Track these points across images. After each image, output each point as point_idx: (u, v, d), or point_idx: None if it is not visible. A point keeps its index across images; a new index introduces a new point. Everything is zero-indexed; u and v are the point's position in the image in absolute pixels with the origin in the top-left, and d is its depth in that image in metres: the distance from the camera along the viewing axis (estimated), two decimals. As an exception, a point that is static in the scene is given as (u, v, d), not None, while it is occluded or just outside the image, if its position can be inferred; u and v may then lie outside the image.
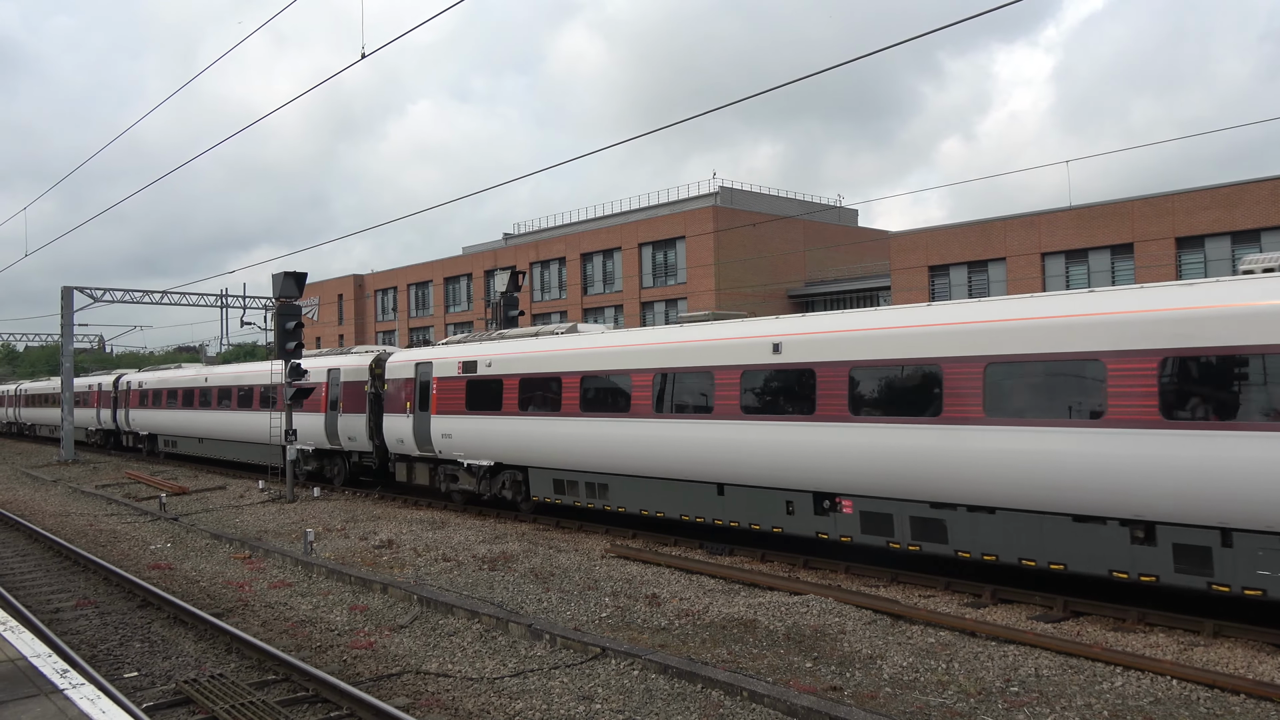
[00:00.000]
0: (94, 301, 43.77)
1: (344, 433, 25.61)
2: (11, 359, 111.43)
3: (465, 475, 21.20)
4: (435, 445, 21.50)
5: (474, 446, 20.46)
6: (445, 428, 21.16)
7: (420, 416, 21.97)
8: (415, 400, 22.14)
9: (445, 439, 21.17)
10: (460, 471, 21.34)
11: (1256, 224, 32.81)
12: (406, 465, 23.20)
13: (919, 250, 42.39)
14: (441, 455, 21.52)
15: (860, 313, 14.34)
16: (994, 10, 10.12)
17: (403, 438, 22.63)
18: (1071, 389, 11.17)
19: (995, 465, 11.69)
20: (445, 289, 70.19)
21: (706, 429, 15.28)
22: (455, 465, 21.43)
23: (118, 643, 11.38)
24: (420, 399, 22.00)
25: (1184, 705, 8.42)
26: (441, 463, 21.92)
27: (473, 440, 20.43)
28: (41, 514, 23.84)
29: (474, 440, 20.39)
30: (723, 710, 8.50)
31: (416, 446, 22.18)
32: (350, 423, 25.33)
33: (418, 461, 22.78)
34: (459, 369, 20.99)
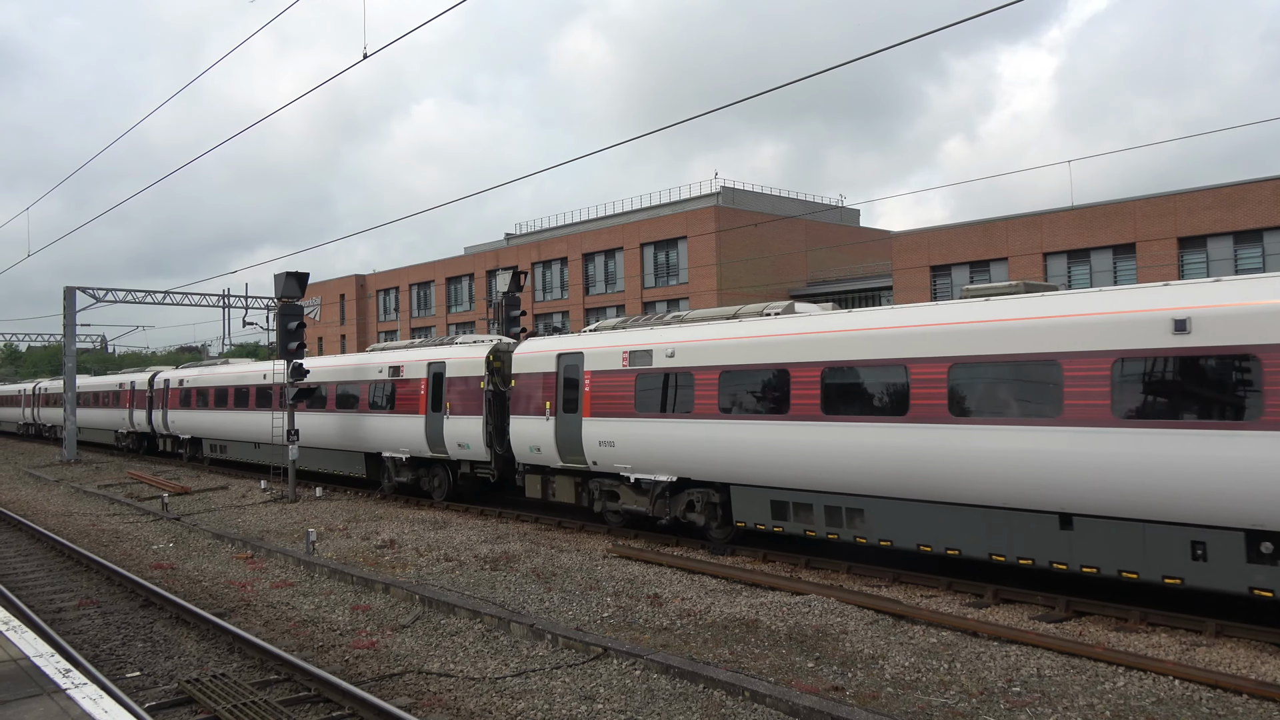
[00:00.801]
0: (96, 302, 43.81)
1: (452, 439, 21.59)
2: (14, 359, 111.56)
3: (631, 493, 17.38)
4: (588, 455, 17.78)
5: (647, 457, 16.65)
6: (604, 433, 17.41)
7: (566, 420, 18.26)
8: (557, 400, 18.54)
9: (604, 448, 17.44)
10: (623, 488, 17.51)
11: (1259, 224, 32.78)
12: (541, 479, 19.37)
13: (921, 250, 42.36)
14: (597, 468, 17.76)
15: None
16: (997, 10, 10.12)
17: (538, 445, 18.86)
18: None
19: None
20: (447, 289, 70.20)
21: (1048, 438, 11.44)
22: (616, 480, 17.66)
23: (120, 642, 11.39)
24: (565, 398, 18.40)
25: (1186, 705, 8.41)
26: (595, 476, 18.17)
27: (645, 450, 16.66)
28: (44, 514, 23.86)
29: (647, 450, 16.63)
30: (724, 710, 8.50)
31: (559, 456, 18.44)
32: (461, 427, 21.33)
33: (559, 474, 18.94)
34: (624, 360, 17.23)
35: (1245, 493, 9.93)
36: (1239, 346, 10.14)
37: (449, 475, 22.70)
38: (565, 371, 18.52)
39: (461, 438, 21.36)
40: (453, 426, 21.62)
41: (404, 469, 23.77)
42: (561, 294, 61.34)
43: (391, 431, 23.50)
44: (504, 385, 20.59)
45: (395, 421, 23.37)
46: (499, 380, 20.79)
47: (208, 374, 34.70)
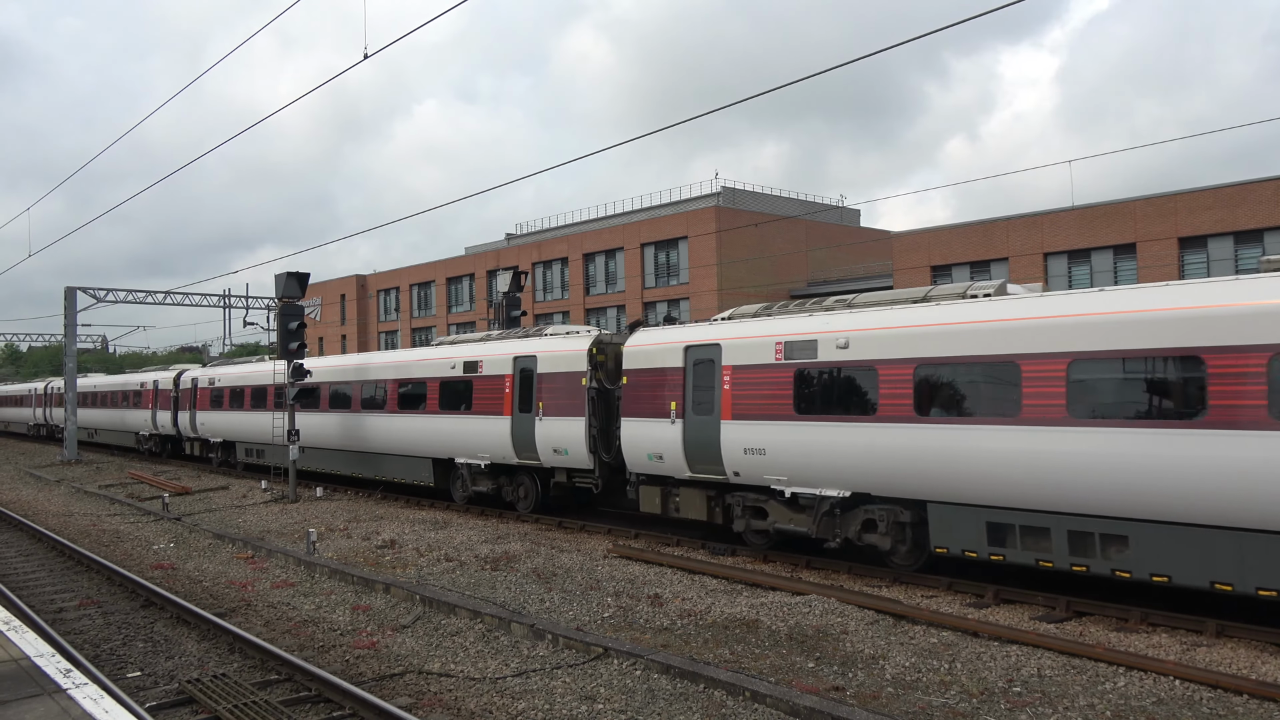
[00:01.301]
0: (97, 302, 43.85)
1: (546, 443, 18.97)
2: (14, 359, 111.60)
3: (784, 510, 14.88)
4: (728, 465, 15.35)
5: (809, 468, 14.22)
6: (751, 439, 14.92)
7: (698, 423, 15.84)
8: (685, 400, 16.15)
9: (751, 456, 14.96)
10: (774, 504, 15.04)
11: (1259, 224, 32.77)
12: (661, 491, 16.93)
13: (921, 250, 42.37)
14: (739, 479, 15.28)
15: None
16: (998, 10, 10.12)
17: (660, 452, 16.45)
18: None
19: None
20: (448, 289, 70.21)
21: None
22: (765, 495, 15.22)
23: (121, 642, 11.39)
24: (695, 398, 16.01)
25: (1187, 705, 8.41)
26: (736, 490, 15.67)
27: (807, 459, 14.21)
28: (45, 514, 23.87)
29: (810, 459, 14.17)
30: (725, 710, 8.50)
31: (688, 466, 16.02)
32: (558, 430, 18.69)
33: (686, 487, 16.49)
34: (778, 353, 14.72)
35: None
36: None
37: (536, 484, 20.10)
38: (695, 367, 16.03)
39: (558, 442, 18.70)
40: (547, 429, 18.93)
41: (482, 477, 21.24)
42: (562, 294, 61.35)
43: (468, 435, 20.95)
44: (610, 382, 18.21)
45: (472, 424, 20.80)
46: (603, 377, 18.30)
47: (242, 372, 32.09)
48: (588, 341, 18.57)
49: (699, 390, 15.96)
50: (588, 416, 18.15)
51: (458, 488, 22.23)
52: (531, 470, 20.06)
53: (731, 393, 15.31)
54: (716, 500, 16.09)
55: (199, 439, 35.28)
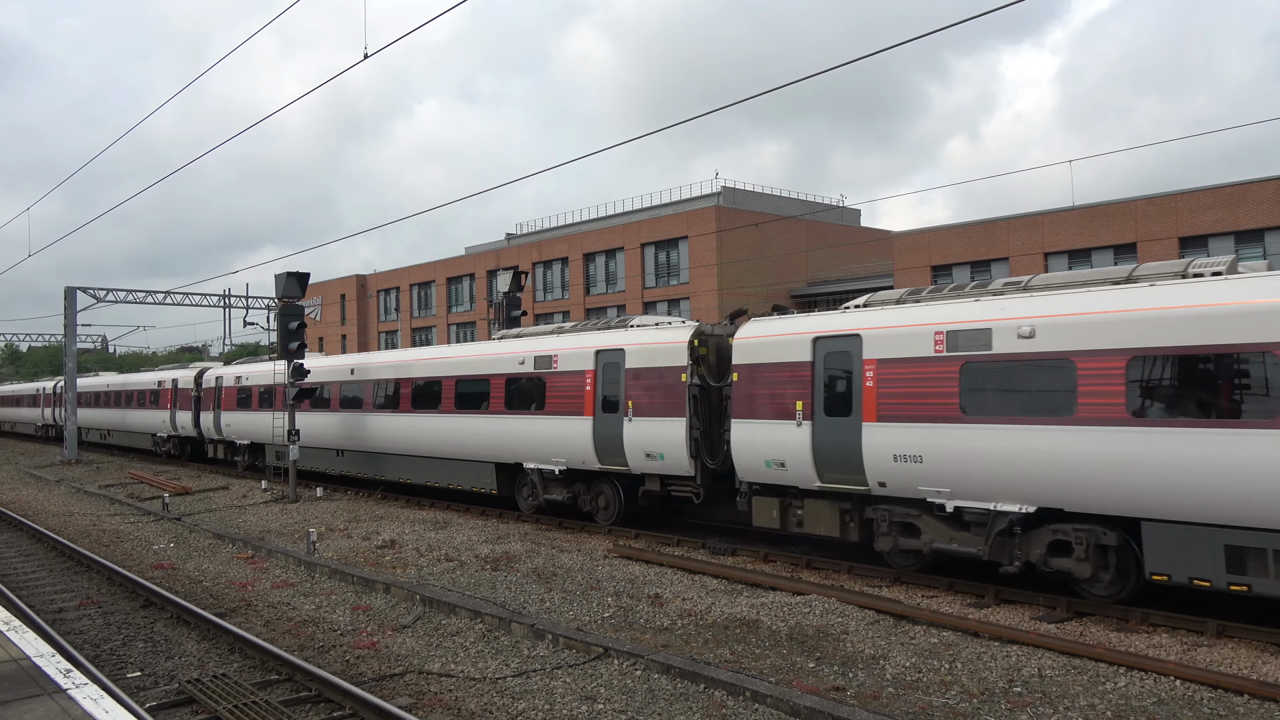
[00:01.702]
0: (97, 302, 43.86)
1: (636, 447, 16.96)
2: (15, 359, 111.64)
3: (943, 527, 12.82)
4: (872, 474, 13.26)
5: (979, 479, 12.15)
6: (902, 444, 12.88)
7: (831, 425, 13.83)
8: (814, 398, 14.06)
9: (902, 465, 12.89)
10: (929, 519, 12.95)
11: (1260, 224, 32.76)
12: (780, 503, 14.88)
13: (922, 250, 42.36)
14: (885, 490, 13.24)
15: None
16: (999, 9, 10.11)
17: (782, 459, 14.46)
18: None
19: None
20: (448, 289, 70.21)
21: None
22: (917, 509, 13.06)
23: (121, 643, 11.39)
24: (828, 396, 13.95)
25: (1187, 706, 8.40)
26: (881, 503, 13.55)
27: (977, 468, 12.14)
28: (45, 514, 23.86)
29: (981, 468, 12.10)
30: (725, 710, 8.49)
31: (817, 474, 14.06)
32: (651, 432, 16.72)
33: (813, 498, 14.41)
34: (938, 344, 12.68)
35: None
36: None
37: (619, 493, 18.12)
38: (827, 361, 14.10)
39: (651, 445, 16.72)
40: (638, 431, 16.94)
41: (555, 484, 19.25)
42: (562, 294, 61.35)
43: (539, 437, 18.93)
44: (713, 379, 16.40)
45: (545, 425, 18.81)
46: (705, 372, 16.44)
47: (274, 370, 29.79)
48: (687, 333, 16.58)
49: (832, 388, 14.00)
50: (688, 417, 16.19)
51: (524, 496, 20.17)
52: (614, 477, 18.08)
53: (876, 390, 13.26)
54: (852, 514, 14.00)
55: (223, 441, 33.36)
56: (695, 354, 16.38)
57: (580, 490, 18.92)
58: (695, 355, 16.38)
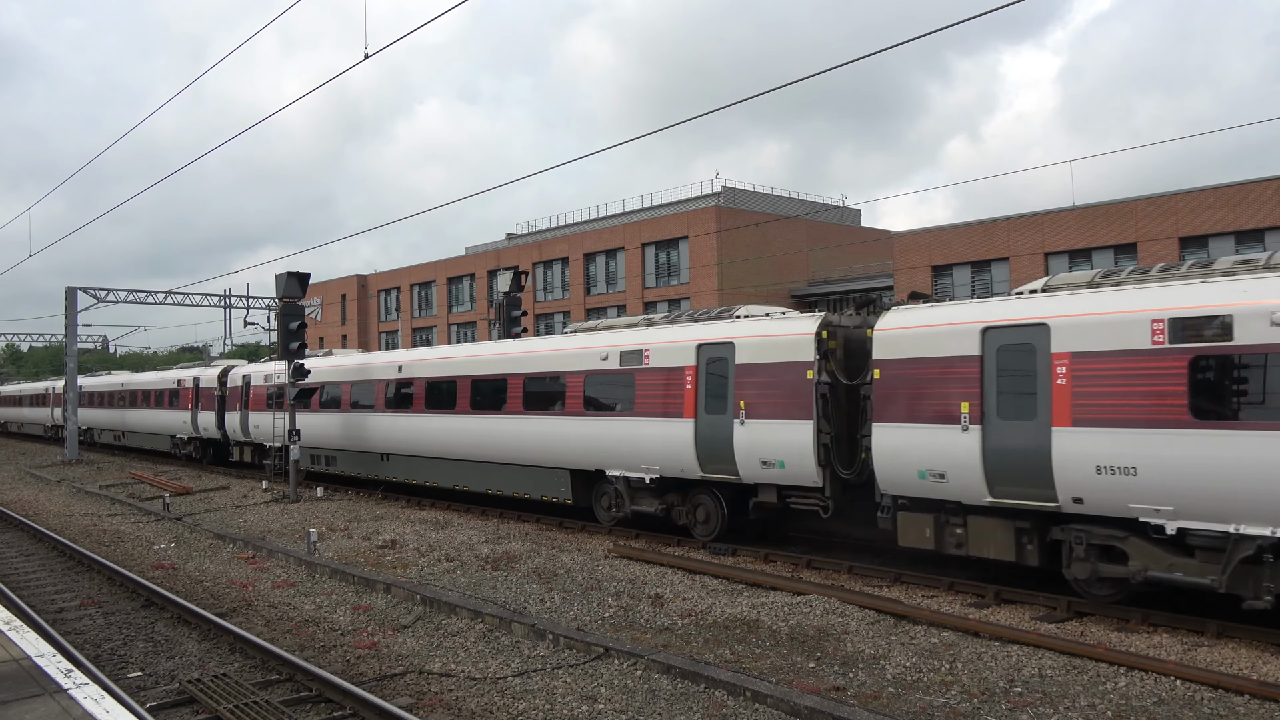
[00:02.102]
0: (98, 302, 43.87)
1: (750, 453, 15.07)
2: (15, 359, 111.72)
3: (1158, 552, 10.86)
4: (1064, 487, 11.32)
5: (1217, 496, 10.21)
6: (1109, 453, 10.96)
7: (1008, 430, 11.96)
8: (985, 398, 12.19)
9: (1109, 476, 10.98)
10: (1139, 542, 11.01)
11: (1260, 224, 32.76)
12: (934, 519, 12.90)
13: (922, 250, 42.37)
14: (1082, 508, 11.28)
15: None
16: (999, 9, 10.11)
17: (940, 468, 12.52)
18: None
19: None
20: (448, 289, 70.22)
21: None
22: (1124, 531, 11.11)
23: (121, 642, 11.40)
24: (1001, 396, 12.09)
25: (1188, 706, 8.40)
26: (1074, 522, 11.54)
27: (1214, 484, 10.21)
28: (46, 514, 23.87)
29: (1220, 484, 10.17)
30: (726, 710, 8.49)
31: (988, 487, 12.09)
32: (769, 436, 14.78)
33: (980, 515, 12.40)
34: (1156, 335, 10.82)
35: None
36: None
37: (721, 505, 16.09)
38: (1002, 355, 12.18)
39: (769, 451, 14.77)
40: (753, 436, 14.98)
41: (644, 494, 17.25)
42: (563, 294, 61.37)
43: (626, 442, 17.02)
44: (845, 376, 14.48)
45: (634, 428, 16.88)
46: (835, 369, 14.52)
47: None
48: (813, 324, 14.61)
49: (1008, 386, 12.08)
50: (816, 420, 14.17)
51: (604, 506, 18.32)
52: (717, 487, 16.10)
53: (1072, 389, 11.32)
54: (1031, 534, 12.00)
55: (250, 443, 31.34)
56: (823, 347, 14.39)
57: (674, 501, 16.83)
58: (823, 349, 14.39)
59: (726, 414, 15.45)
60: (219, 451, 34.73)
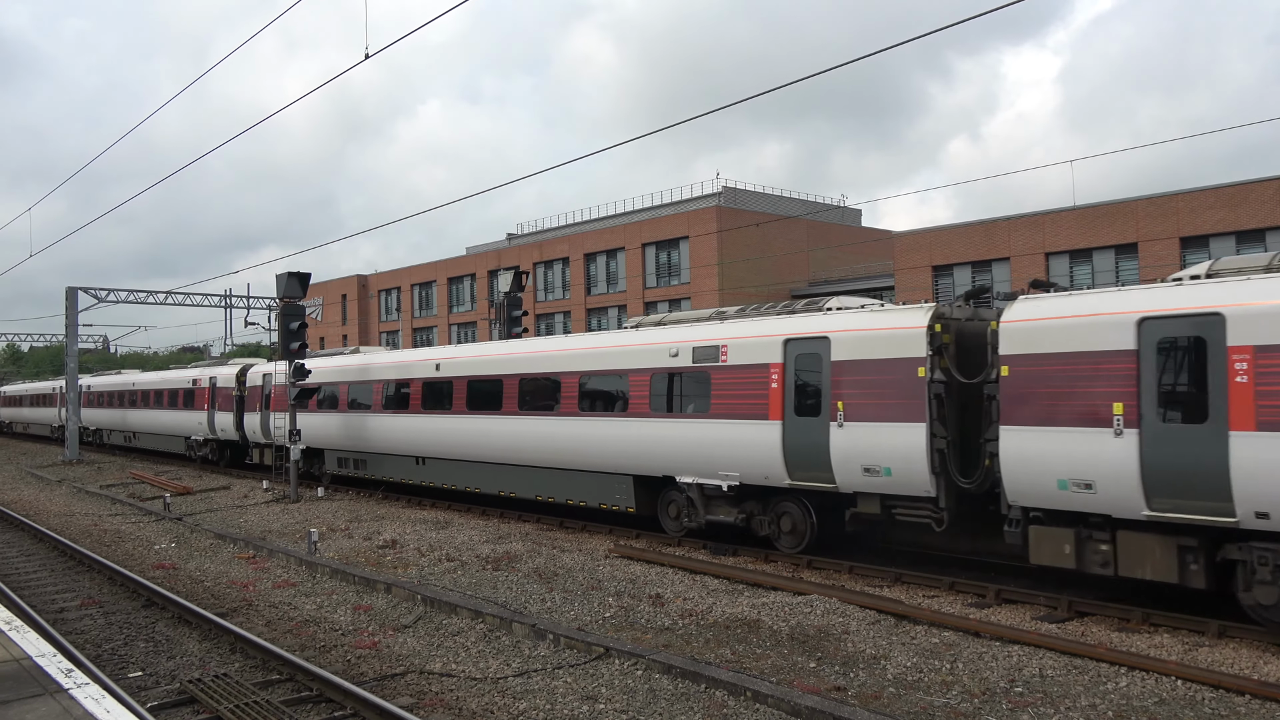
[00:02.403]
0: (98, 302, 43.89)
1: (849, 458, 13.69)
2: (16, 359, 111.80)
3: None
4: (1244, 500, 10.10)
5: None
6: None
7: (1172, 434, 10.73)
8: (1142, 397, 10.94)
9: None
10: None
11: (1261, 224, 32.76)
12: (1076, 534, 11.55)
13: (923, 250, 42.37)
14: (1271, 523, 10.01)
15: None
16: (1001, 9, 10.11)
17: (1087, 477, 11.23)
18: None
19: None
20: (449, 289, 70.24)
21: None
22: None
23: (122, 642, 11.40)
24: (1161, 395, 10.87)
25: (1189, 706, 8.40)
26: (1250, 538, 10.31)
27: None
28: (46, 514, 23.88)
29: None
30: (726, 710, 8.49)
31: (1145, 498, 10.83)
32: (871, 440, 13.41)
33: (1133, 530, 11.12)
34: None
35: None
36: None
37: (810, 515, 14.80)
38: (1162, 348, 10.87)
39: (872, 457, 13.40)
40: (852, 440, 13.62)
41: (721, 503, 15.84)
42: (563, 294, 61.39)
43: (702, 446, 15.70)
44: (962, 373, 13.06)
45: (710, 431, 15.58)
46: (949, 365, 13.09)
47: (336, 365, 26.88)
48: (924, 315, 13.20)
49: (1171, 384, 10.84)
50: (929, 422, 12.80)
51: (671, 515, 16.95)
52: (805, 495, 14.78)
53: (1255, 388, 10.04)
54: (1197, 553, 10.62)
55: (271, 445, 29.61)
56: (936, 342, 13.00)
57: (754, 510, 15.50)
58: (936, 344, 12.99)
59: (821, 416, 14.05)
60: (236, 454, 33.33)
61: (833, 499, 14.42)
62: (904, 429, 13.07)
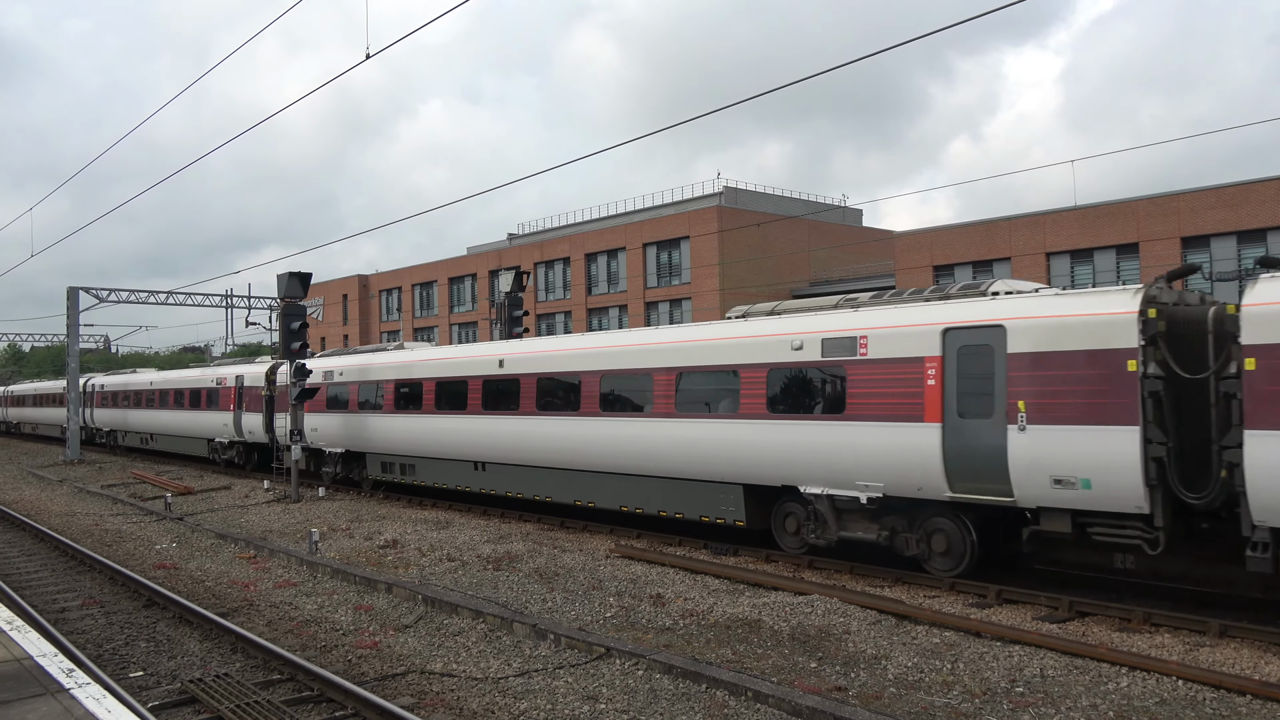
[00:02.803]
0: (100, 302, 43.91)
1: (1034, 468, 11.77)
2: (17, 359, 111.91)
3: None
4: None
5: None
6: None
7: None
8: None
9: None
10: None
11: (1262, 224, 32.74)
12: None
13: (923, 250, 42.35)
14: None
15: None
16: (1002, 9, 10.11)
17: None
18: None
19: None
20: (450, 289, 70.27)
21: None
22: None
23: (123, 642, 11.41)
24: None
25: (1190, 706, 8.40)
26: None
27: None
28: (47, 514, 23.90)
29: None
30: (727, 710, 8.49)
31: None
32: (1065, 448, 11.52)
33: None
34: None
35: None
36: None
37: (968, 533, 12.80)
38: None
39: (1067, 466, 11.45)
40: (1039, 446, 11.68)
41: (855, 517, 13.99)
42: (564, 294, 61.40)
43: (836, 452, 13.82)
44: (1184, 368, 10.99)
45: (846, 434, 13.71)
46: (1166, 357, 11.07)
47: (370, 364, 25.16)
48: (1132, 299, 11.29)
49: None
50: (1143, 425, 10.90)
51: (789, 530, 15.09)
52: (964, 509, 12.83)
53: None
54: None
55: (307, 448, 27.42)
56: (1151, 330, 11.05)
57: (898, 526, 13.60)
58: (1150, 332, 11.05)
59: (994, 417, 12.08)
60: (264, 457, 31.57)
61: (998, 514, 12.61)
62: (1109, 433, 11.10)
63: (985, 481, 12.20)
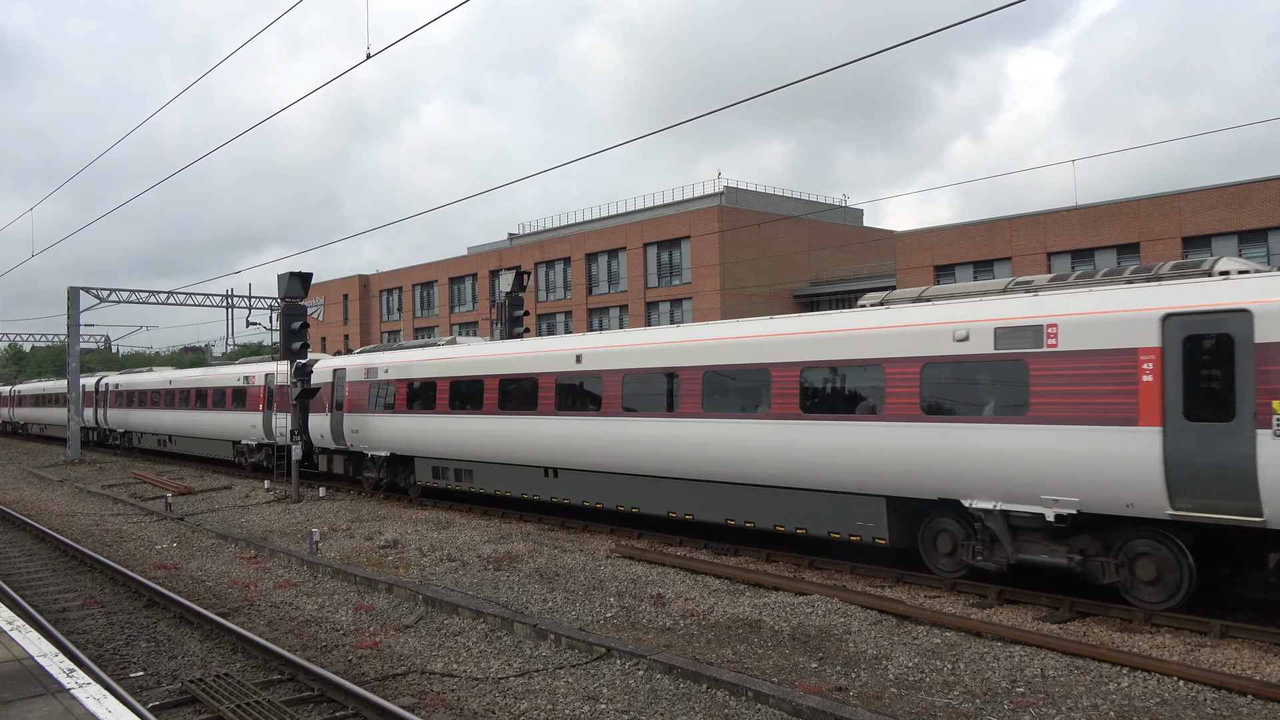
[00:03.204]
0: (100, 302, 43.95)
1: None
2: (18, 359, 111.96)
3: None
4: None
5: None
6: None
7: None
8: None
9: None
10: None
11: (1263, 223, 32.75)
12: None
13: (924, 250, 42.35)
14: None
15: None
16: (1004, 8, 10.11)
17: None
18: None
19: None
20: (450, 289, 70.28)
21: None
22: None
23: (124, 642, 11.41)
24: None
25: (1190, 706, 8.39)
26: None
27: None
28: (48, 514, 23.90)
29: None
30: (728, 711, 8.49)
31: None
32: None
33: None
34: None
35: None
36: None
37: (1186, 558, 10.75)
38: None
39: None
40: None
41: (1037, 537, 11.97)
42: (564, 294, 61.41)
43: (1013, 460, 11.84)
44: None
45: (1026, 439, 11.70)
46: None
47: (420, 360, 23.21)
48: None
49: None
50: None
51: (944, 550, 13.10)
52: (1176, 529, 10.86)
53: None
54: None
55: (343, 452, 25.98)
56: None
57: (1092, 549, 11.62)
58: None
59: (1236, 420, 10.19)
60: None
61: (1216, 535, 10.86)
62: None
63: (1222, 498, 10.24)
